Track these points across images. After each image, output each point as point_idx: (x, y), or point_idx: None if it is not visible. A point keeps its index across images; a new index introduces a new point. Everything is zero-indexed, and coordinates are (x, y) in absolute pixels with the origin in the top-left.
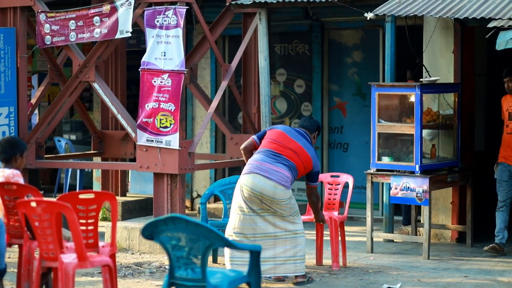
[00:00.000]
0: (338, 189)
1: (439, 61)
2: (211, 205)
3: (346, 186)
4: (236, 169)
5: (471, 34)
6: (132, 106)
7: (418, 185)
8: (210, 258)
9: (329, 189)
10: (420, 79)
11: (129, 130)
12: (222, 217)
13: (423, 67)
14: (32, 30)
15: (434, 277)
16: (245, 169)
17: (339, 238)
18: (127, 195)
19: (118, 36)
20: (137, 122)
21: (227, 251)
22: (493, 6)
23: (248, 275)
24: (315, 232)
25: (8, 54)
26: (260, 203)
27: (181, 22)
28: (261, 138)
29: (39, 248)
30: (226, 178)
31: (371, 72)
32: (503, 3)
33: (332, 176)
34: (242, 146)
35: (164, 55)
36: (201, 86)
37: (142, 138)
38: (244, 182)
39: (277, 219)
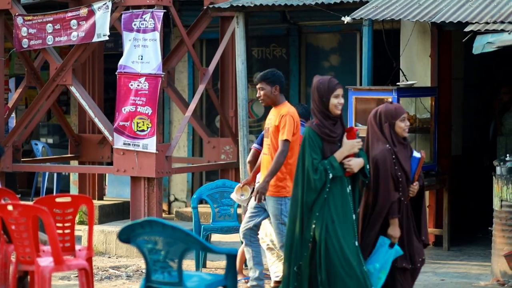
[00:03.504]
0: None
1: (416, 65)
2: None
3: None
4: (213, 173)
5: (448, 38)
6: (110, 110)
7: None
8: (193, 263)
9: None
10: (397, 83)
11: (106, 133)
12: (211, 221)
13: (400, 71)
14: (9, 33)
15: None
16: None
17: None
18: (104, 198)
19: (95, 39)
20: (114, 126)
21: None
22: (469, 10)
23: (224, 278)
24: None
25: None
26: None
27: (159, 26)
28: (261, 142)
29: (16, 251)
30: (212, 182)
31: (348, 75)
32: (480, 7)
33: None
34: (248, 159)
35: (141, 59)
36: (178, 89)
37: (119, 142)
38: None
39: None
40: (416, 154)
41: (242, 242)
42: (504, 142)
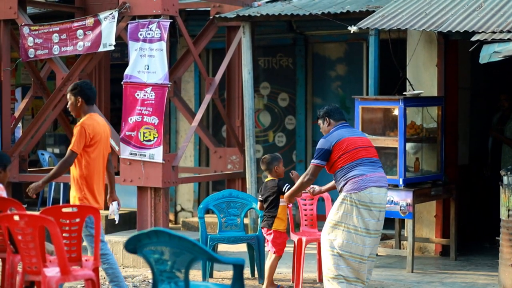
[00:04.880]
0: (312, 204)
1: (423, 75)
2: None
3: (320, 200)
4: (220, 183)
5: (455, 48)
6: (116, 120)
7: (402, 198)
8: (199, 273)
9: (303, 204)
10: (404, 93)
11: (113, 143)
12: (218, 231)
13: (407, 81)
14: (16, 43)
15: None
16: (355, 186)
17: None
18: None
19: (101, 49)
20: (120, 136)
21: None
22: (476, 19)
23: None
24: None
25: None
26: (376, 220)
27: (165, 35)
28: (326, 158)
29: (22, 261)
30: (219, 192)
31: (354, 85)
32: (487, 16)
33: (304, 192)
34: (309, 177)
35: (148, 68)
36: (185, 99)
37: (126, 152)
38: (359, 198)
39: (374, 242)
40: None
41: (249, 251)
42: (507, 150)
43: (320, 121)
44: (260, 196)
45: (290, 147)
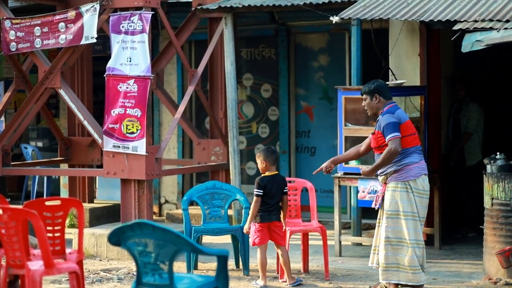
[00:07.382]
0: (296, 194)
1: (405, 64)
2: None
3: (304, 191)
4: (203, 174)
5: (437, 37)
6: (99, 112)
7: None
8: (184, 265)
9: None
10: (386, 82)
11: (96, 136)
12: (202, 222)
13: (389, 70)
14: None
15: None
16: (411, 173)
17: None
18: (95, 201)
19: (83, 42)
20: (103, 128)
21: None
22: (458, 8)
23: (216, 280)
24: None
25: None
26: (425, 207)
27: (147, 28)
28: (399, 129)
29: (6, 255)
30: (203, 184)
31: (337, 75)
32: (468, 5)
33: (288, 182)
34: (398, 149)
35: (130, 61)
36: (167, 91)
37: (109, 144)
38: (415, 186)
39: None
40: None
41: (233, 243)
42: (476, 138)
43: (367, 96)
44: (259, 191)
45: (274, 138)
